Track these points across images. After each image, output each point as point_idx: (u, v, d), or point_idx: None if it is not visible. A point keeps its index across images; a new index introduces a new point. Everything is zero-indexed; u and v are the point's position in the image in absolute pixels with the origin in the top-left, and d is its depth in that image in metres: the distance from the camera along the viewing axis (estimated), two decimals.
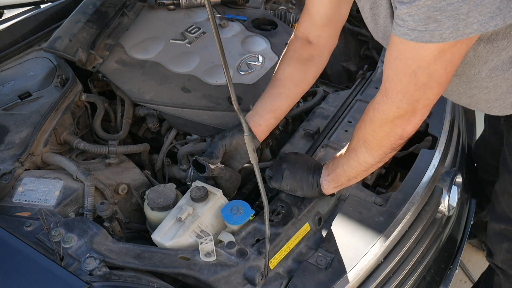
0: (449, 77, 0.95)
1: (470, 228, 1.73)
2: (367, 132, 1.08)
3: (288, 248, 1.17)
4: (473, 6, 0.81)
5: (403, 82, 0.95)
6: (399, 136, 1.05)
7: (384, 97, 1.01)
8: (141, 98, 1.56)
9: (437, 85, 0.95)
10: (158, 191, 1.30)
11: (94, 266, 1.01)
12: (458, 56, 0.92)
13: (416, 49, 0.89)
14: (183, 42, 1.74)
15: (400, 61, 0.93)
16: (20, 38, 1.76)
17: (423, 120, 1.02)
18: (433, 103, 1.00)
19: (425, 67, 0.92)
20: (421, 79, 0.93)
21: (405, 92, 0.96)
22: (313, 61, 1.38)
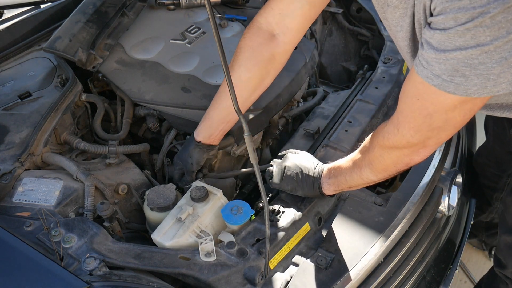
0: (465, 122, 0.92)
1: (470, 228, 1.73)
2: (374, 156, 1.07)
3: (288, 248, 1.17)
4: (506, 68, 0.77)
5: (417, 121, 0.93)
6: (406, 164, 1.04)
7: (395, 129, 0.99)
8: (141, 98, 1.56)
9: (452, 128, 0.93)
10: (158, 192, 1.30)
11: (94, 266, 1.01)
12: (479, 106, 0.89)
13: (436, 94, 0.86)
14: (183, 42, 1.74)
15: (418, 100, 0.91)
16: (20, 38, 1.76)
17: (432, 152, 1.01)
18: (446, 140, 0.99)
19: (442, 113, 0.89)
20: (436, 122, 0.91)
21: (417, 130, 0.94)
22: (274, 62, 1.28)
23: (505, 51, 0.75)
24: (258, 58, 1.25)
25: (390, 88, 1.68)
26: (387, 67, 1.79)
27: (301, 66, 1.68)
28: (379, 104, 1.61)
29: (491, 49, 0.75)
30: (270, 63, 1.27)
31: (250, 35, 1.25)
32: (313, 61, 1.77)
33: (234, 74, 1.24)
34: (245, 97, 1.29)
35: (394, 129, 0.99)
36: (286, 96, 1.61)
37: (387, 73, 1.76)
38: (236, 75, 1.24)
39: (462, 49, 0.77)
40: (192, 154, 1.35)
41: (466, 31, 0.76)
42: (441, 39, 0.80)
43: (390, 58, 1.81)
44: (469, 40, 0.76)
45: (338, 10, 2.25)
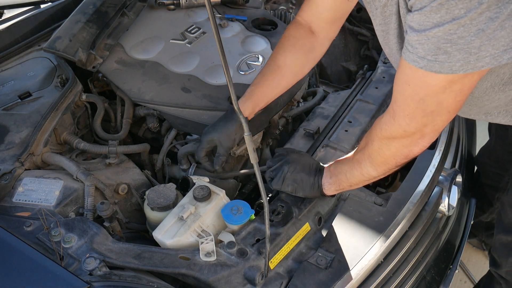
0: (458, 105, 0.93)
1: (470, 228, 1.73)
2: (373, 149, 1.08)
3: (288, 248, 1.17)
4: (486, 40, 0.78)
5: (411, 107, 0.94)
6: (405, 156, 1.04)
7: (391, 118, 1.00)
8: (141, 98, 1.56)
9: (446, 112, 0.94)
10: (158, 191, 1.30)
11: (94, 266, 1.01)
12: (469, 86, 0.89)
13: (424, 77, 0.87)
14: (183, 42, 1.74)
15: (409, 86, 0.92)
16: (20, 38, 1.76)
17: (431, 143, 1.01)
18: (442, 128, 0.98)
19: (433, 95, 0.90)
20: (430, 106, 0.91)
21: (412, 117, 0.95)
22: (314, 52, 1.37)
23: (481, 22, 0.76)
24: (301, 46, 1.34)
25: (390, 88, 1.68)
26: (387, 67, 1.79)
27: None
28: (379, 104, 1.61)
29: (467, 22, 0.76)
30: (310, 53, 1.35)
31: (293, 27, 1.36)
32: None
33: (280, 57, 1.34)
34: (288, 80, 1.37)
35: (390, 119, 1.00)
36: (286, 96, 1.61)
37: (387, 73, 1.76)
38: (282, 58, 1.33)
39: (440, 26, 0.79)
40: (238, 129, 1.33)
41: (440, 6, 0.77)
42: (420, 19, 0.82)
43: None
44: (444, 15, 0.78)
45: None
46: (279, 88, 1.37)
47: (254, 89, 1.34)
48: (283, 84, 1.36)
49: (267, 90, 1.35)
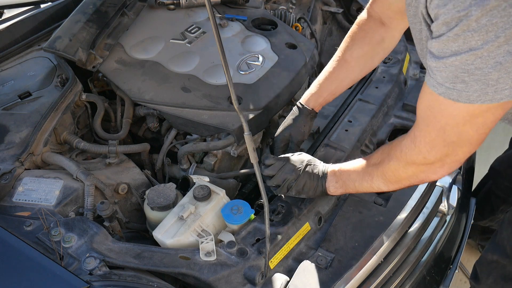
0: (481, 137, 0.90)
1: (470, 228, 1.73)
2: (389, 168, 1.06)
3: (288, 248, 1.17)
4: (504, 74, 0.76)
5: (432, 135, 0.93)
6: (420, 180, 1.03)
7: (412, 143, 0.98)
8: (141, 98, 1.56)
9: (468, 144, 0.92)
10: (158, 191, 1.30)
11: (94, 265, 1.01)
12: (492, 120, 0.87)
13: (445, 105, 0.86)
14: (183, 42, 1.74)
15: (431, 112, 0.91)
16: (20, 38, 1.76)
17: (450, 172, 0.99)
18: (464, 159, 0.96)
19: (454, 126, 0.88)
20: (450, 136, 0.90)
21: (433, 146, 0.94)
22: (383, 45, 1.35)
23: (499, 55, 0.75)
24: (370, 39, 1.33)
25: (390, 88, 1.68)
26: (387, 66, 1.79)
27: (301, 66, 1.68)
28: (379, 104, 1.61)
29: (484, 54, 0.76)
30: (379, 45, 1.34)
31: (362, 20, 1.34)
32: (313, 61, 1.77)
33: (347, 51, 1.33)
34: (355, 74, 1.37)
35: (411, 144, 0.98)
36: (286, 96, 1.61)
37: (387, 72, 1.76)
38: (349, 52, 1.33)
39: (457, 55, 0.78)
40: (306, 122, 1.36)
41: (456, 36, 0.77)
42: (439, 47, 0.81)
43: (390, 58, 1.81)
44: (461, 45, 0.77)
45: (338, 10, 2.25)
46: (346, 82, 1.38)
47: (322, 83, 1.36)
48: (350, 78, 1.37)
49: (334, 84, 1.36)
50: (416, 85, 1.78)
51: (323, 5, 2.32)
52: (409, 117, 1.65)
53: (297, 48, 1.75)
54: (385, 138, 1.59)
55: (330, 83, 1.36)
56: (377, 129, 1.60)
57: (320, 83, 1.37)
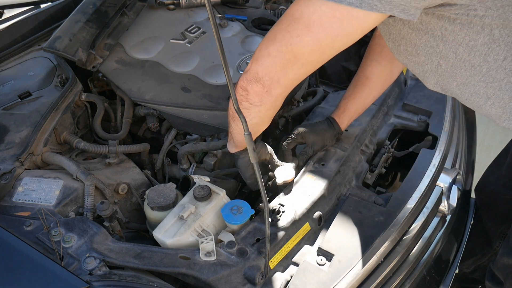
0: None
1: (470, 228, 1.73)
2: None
3: (288, 248, 1.17)
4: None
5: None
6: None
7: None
8: (141, 98, 1.56)
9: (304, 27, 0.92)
10: (158, 191, 1.30)
11: (94, 265, 1.01)
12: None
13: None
14: (183, 42, 1.74)
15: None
16: (20, 38, 1.76)
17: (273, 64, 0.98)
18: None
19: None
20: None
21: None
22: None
23: None
24: (386, 52, 1.33)
25: (390, 88, 1.68)
26: None
27: None
28: (379, 104, 1.61)
29: None
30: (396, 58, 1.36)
31: (378, 34, 1.36)
32: None
33: (367, 68, 1.36)
34: (378, 89, 1.40)
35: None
36: (286, 96, 1.61)
37: None
38: (369, 69, 1.36)
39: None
40: (331, 139, 1.42)
41: None
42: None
43: None
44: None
45: None
46: (370, 98, 1.42)
47: (347, 102, 1.41)
48: (373, 94, 1.40)
49: (359, 102, 1.41)
50: (416, 85, 1.78)
51: None
52: (409, 117, 1.65)
53: None
54: (385, 138, 1.59)
55: (356, 102, 1.40)
56: (377, 129, 1.60)
57: (347, 103, 1.41)
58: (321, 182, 1.31)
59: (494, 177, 1.71)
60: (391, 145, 1.59)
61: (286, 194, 1.28)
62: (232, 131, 1.23)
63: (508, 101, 0.99)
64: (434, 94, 1.71)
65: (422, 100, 1.68)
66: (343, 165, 1.39)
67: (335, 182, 1.34)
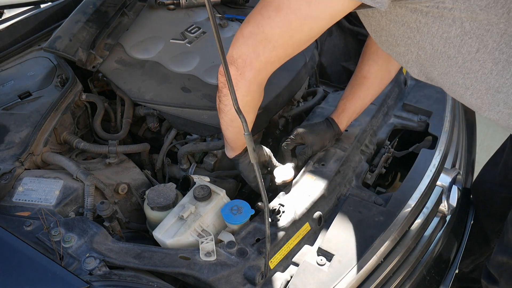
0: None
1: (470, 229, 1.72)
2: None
3: (288, 248, 1.17)
4: None
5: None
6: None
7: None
8: (141, 98, 1.56)
9: (277, 9, 0.94)
10: (158, 191, 1.30)
11: (94, 265, 1.01)
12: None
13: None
14: (183, 42, 1.74)
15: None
16: (20, 38, 1.76)
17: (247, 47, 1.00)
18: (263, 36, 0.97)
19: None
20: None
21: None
22: None
23: None
24: (383, 52, 1.32)
25: (390, 88, 1.68)
26: None
27: (301, 66, 1.68)
28: (379, 104, 1.62)
29: None
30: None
31: None
32: (313, 61, 1.77)
33: (364, 68, 1.36)
34: (375, 89, 1.40)
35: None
36: (286, 96, 1.61)
37: None
38: (366, 68, 1.36)
39: None
40: (331, 140, 1.43)
41: None
42: None
43: None
44: None
45: None
46: (368, 98, 1.41)
47: (346, 103, 1.41)
48: (371, 94, 1.40)
49: (358, 102, 1.41)
50: (416, 85, 1.78)
51: None
52: (409, 117, 1.65)
53: None
54: (385, 138, 1.59)
55: (354, 102, 1.41)
56: (377, 129, 1.60)
57: (345, 104, 1.42)
58: (321, 182, 1.31)
59: (490, 175, 1.72)
60: (391, 145, 1.59)
61: (286, 194, 1.28)
62: (226, 136, 1.24)
63: (485, 93, 1.00)
64: (434, 94, 1.71)
65: (422, 100, 1.68)
66: (343, 165, 1.39)
67: (335, 182, 1.34)
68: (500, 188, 1.65)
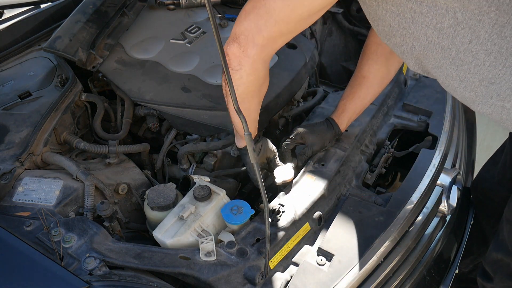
0: (286, 14, 0.96)
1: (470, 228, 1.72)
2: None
3: (288, 248, 1.17)
4: None
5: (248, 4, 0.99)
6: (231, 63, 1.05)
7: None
8: (141, 98, 1.56)
9: (269, 14, 0.96)
10: (158, 191, 1.30)
11: (94, 265, 1.01)
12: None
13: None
14: (183, 42, 1.74)
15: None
16: (20, 38, 1.76)
17: (243, 54, 1.01)
18: (263, 35, 0.99)
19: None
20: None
21: (245, 12, 0.99)
22: (395, 55, 1.36)
23: None
24: (382, 50, 1.34)
25: (390, 88, 1.68)
26: None
27: (301, 66, 1.68)
28: (379, 104, 1.62)
29: None
30: (392, 55, 1.36)
31: (374, 32, 1.36)
32: (313, 61, 1.77)
33: (364, 68, 1.37)
34: (375, 88, 1.40)
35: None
36: (286, 96, 1.61)
37: None
38: (366, 68, 1.36)
39: None
40: (331, 140, 1.43)
41: None
42: None
43: None
44: None
45: (338, 10, 2.25)
46: (368, 98, 1.41)
47: (346, 103, 1.41)
48: (371, 93, 1.40)
49: (358, 102, 1.41)
50: (416, 85, 1.78)
51: None
52: (409, 117, 1.65)
53: (297, 48, 1.75)
54: (385, 138, 1.59)
55: (354, 102, 1.41)
56: (377, 129, 1.60)
57: (345, 104, 1.41)
58: (321, 182, 1.31)
59: (489, 174, 1.72)
60: (391, 145, 1.59)
61: (286, 194, 1.28)
62: (237, 126, 1.24)
63: (478, 85, 1.00)
64: (434, 94, 1.71)
65: (422, 100, 1.68)
66: (343, 165, 1.39)
67: (335, 182, 1.34)
68: (499, 187, 1.65)
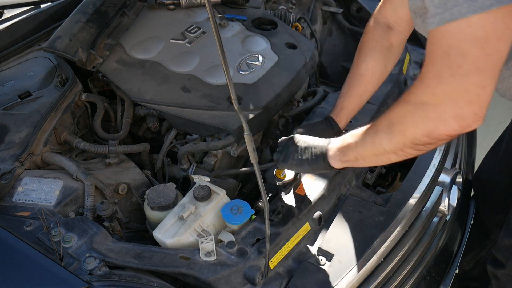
0: (489, 61, 0.83)
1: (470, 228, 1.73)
2: (395, 113, 0.98)
3: (288, 248, 1.17)
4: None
5: (437, 65, 0.87)
6: (427, 132, 0.91)
7: (420, 81, 0.92)
8: (141, 98, 1.56)
9: (475, 70, 0.83)
10: (158, 191, 1.30)
11: (94, 265, 1.01)
12: (493, 34, 0.80)
13: (443, 31, 0.84)
14: (183, 42, 1.74)
15: (433, 45, 0.88)
16: (20, 38, 1.76)
17: (463, 127, 0.88)
18: (479, 101, 0.86)
19: (456, 46, 0.83)
20: (455, 60, 0.84)
21: (439, 77, 0.86)
22: (393, 51, 1.37)
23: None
24: (380, 47, 1.34)
25: (390, 88, 1.68)
26: None
27: (301, 66, 1.68)
28: (379, 104, 1.61)
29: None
30: (389, 52, 1.36)
31: (370, 29, 1.36)
32: (313, 61, 1.77)
33: (361, 64, 1.35)
34: (373, 85, 1.39)
35: (419, 82, 0.92)
36: (286, 96, 1.61)
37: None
38: (363, 65, 1.35)
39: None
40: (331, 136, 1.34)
41: None
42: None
43: None
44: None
45: (338, 10, 2.25)
46: (367, 95, 1.40)
47: (344, 101, 1.40)
48: (369, 90, 1.39)
49: (356, 100, 1.39)
50: None
51: (323, 5, 2.32)
52: None
53: (297, 48, 1.75)
54: None
55: (353, 100, 1.39)
56: None
57: (343, 102, 1.40)
58: (321, 182, 1.31)
59: (490, 165, 1.71)
60: None
61: (286, 194, 1.28)
62: (360, 142, 1.06)
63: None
64: None
65: None
66: None
67: (335, 182, 1.34)
68: (500, 177, 1.64)
